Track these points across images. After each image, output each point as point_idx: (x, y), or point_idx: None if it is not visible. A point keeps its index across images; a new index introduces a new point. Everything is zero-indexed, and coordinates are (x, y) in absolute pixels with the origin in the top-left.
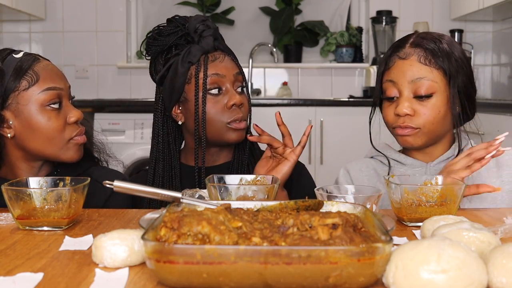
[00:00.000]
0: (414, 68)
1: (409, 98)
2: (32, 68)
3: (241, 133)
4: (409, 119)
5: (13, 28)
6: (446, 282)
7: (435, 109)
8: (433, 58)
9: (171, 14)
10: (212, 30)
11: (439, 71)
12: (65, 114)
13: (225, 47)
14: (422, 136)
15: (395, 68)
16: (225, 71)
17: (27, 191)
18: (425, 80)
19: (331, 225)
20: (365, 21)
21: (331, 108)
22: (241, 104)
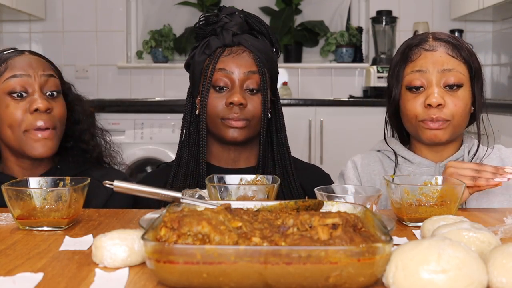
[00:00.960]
0: (444, 59)
1: (439, 87)
2: (8, 60)
3: (238, 132)
4: (440, 110)
5: (13, 28)
6: (446, 282)
7: (464, 101)
8: (458, 52)
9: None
10: (234, 23)
11: (465, 65)
12: (28, 104)
13: (250, 43)
14: (450, 129)
15: (423, 59)
16: (234, 67)
17: (27, 191)
18: (454, 71)
19: (331, 225)
20: (365, 21)
21: (331, 108)
22: (241, 104)
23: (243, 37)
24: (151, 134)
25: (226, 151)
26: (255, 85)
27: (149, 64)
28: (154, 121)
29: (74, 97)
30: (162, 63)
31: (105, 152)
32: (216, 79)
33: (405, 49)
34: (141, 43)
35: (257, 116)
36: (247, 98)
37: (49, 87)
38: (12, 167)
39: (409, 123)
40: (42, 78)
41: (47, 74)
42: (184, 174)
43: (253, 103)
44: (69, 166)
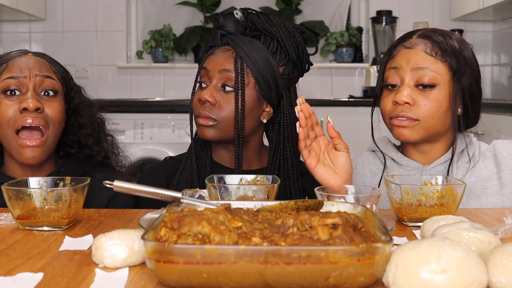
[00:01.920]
0: (419, 57)
1: (411, 86)
2: (9, 60)
3: (206, 130)
4: (408, 108)
5: (13, 28)
6: (446, 282)
7: (437, 102)
8: (439, 50)
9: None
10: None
11: (444, 64)
12: (19, 103)
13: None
14: (420, 130)
15: (399, 56)
16: (211, 66)
17: (27, 191)
18: (428, 70)
19: (331, 225)
20: (365, 21)
21: (331, 108)
22: (206, 101)
23: (232, 37)
24: (151, 134)
25: (224, 151)
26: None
27: (149, 64)
28: (154, 121)
29: (81, 101)
30: (162, 63)
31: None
32: (200, 76)
33: (390, 47)
34: (141, 43)
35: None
36: (220, 97)
37: (44, 87)
38: (14, 169)
39: (384, 121)
40: (37, 78)
41: (44, 75)
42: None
43: (224, 102)
44: (72, 169)
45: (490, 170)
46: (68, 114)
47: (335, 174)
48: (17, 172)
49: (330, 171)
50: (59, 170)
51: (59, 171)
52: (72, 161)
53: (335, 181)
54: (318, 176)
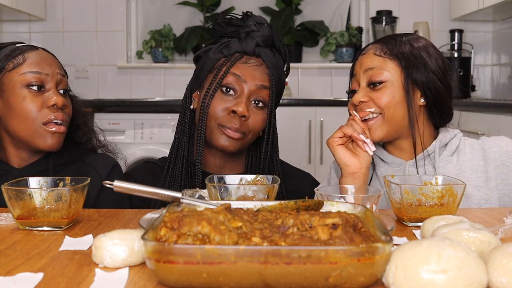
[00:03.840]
0: (369, 60)
1: (364, 87)
2: (23, 53)
3: (232, 142)
4: (366, 105)
5: (13, 28)
6: (446, 282)
7: (390, 94)
8: (387, 50)
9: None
10: (260, 34)
11: (392, 61)
12: (45, 98)
13: (268, 59)
14: (383, 125)
15: (356, 64)
16: (248, 77)
17: (27, 191)
18: (376, 69)
19: (331, 225)
20: (365, 21)
21: (331, 108)
22: (244, 116)
23: (264, 51)
24: (151, 134)
25: (212, 156)
26: (262, 99)
27: (149, 64)
28: (154, 121)
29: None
30: (162, 63)
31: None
32: (227, 81)
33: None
34: (141, 43)
35: (254, 131)
36: (251, 111)
37: (62, 85)
38: (10, 157)
39: None
40: (58, 76)
41: (62, 73)
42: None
43: (255, 117)
44: (61, 154)
45: (476, 163)
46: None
47: (355, 156)
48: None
49: (350, 153)
50: (48, 155)
51: (48, 155)
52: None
53: (353, 162)
54: (338, 155)
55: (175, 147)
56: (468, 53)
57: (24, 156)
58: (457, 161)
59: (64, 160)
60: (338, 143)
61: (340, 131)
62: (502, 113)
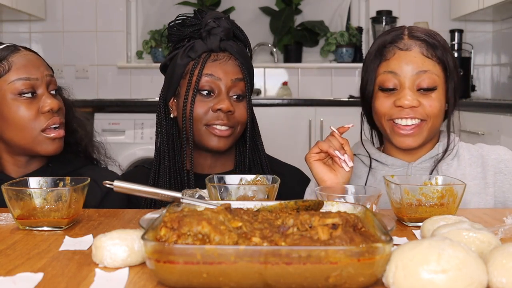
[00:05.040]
0: (419, 60)
1: (413, 90)
2: (7, 58)
3: (223, 141)
4: (413, 111)
5: (13, 28)
6: (446, 282)
7: (439, 101)
8: (433, 51)
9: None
10: (222, 29)
11: (440, 65)
12: (39, 104)
13: (235, 50)
14: (425, 132)
15: (396, 59)
16: (222, 74)
17: (27, 191)
18: (429, 73)
19: (331, 225)
20: (365, 21)
21: (331, 108)
22: (229, 111)
23: (229, 44)
24: (151, 134)
25: (203, 158)
26: (240, 92)
27: (149, 64)
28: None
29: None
30: None
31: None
32: (202, 84)
33: (379, 46)
34: (141, 43)
35: (242, 122)
36: (234, 105)
37: (52, 86)
38: (6, 165)
39: (379, 123)
40: (47, 78)
41: (50, 74)
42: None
43: (239, 110)
44: (61, 164)
45: (475, 169)
46: None
47: (332, 171)
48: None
49: (327, 169)
50: (47, 166)
51: (47, 167)
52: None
53: (330, 178)
54: (314, 171)
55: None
56: (468, 53)
57: (22, 163)
58: (458, 166)
59: (64, 171)
60: (314, 158)
61: (317, 146)
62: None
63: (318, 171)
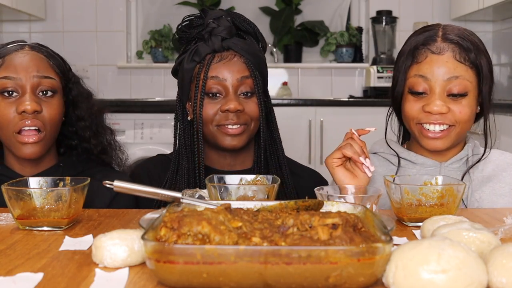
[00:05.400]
0: (451, 65)
1: (443, 96)
2: (5, 55)
3: (237, 139)
4: (442, 117)
5: (13, 28)
6: (446, 282)
7: (470, 107)
8: (467, 55)
9: (171, 14)
10: (223, 28)
11: (473, 70)
12: (17, 104)
13: (240, 47)
14: (453, 136)
15: (427, 63)
16: (227, 74)
17: (27, 191)
18: (460, 79)
19: (331, 225)
20: (365, 21)
21: (331, 108)
22: (237, 110)
23: (232, 41)
24: (151, 134)
25: (222, 157)
26: (249, 89)
27: (149, 64)
28: (154, 121)
29: (79, 93)
30: (162, 63)
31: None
32: (209, 87)
33: (411, 47)
34: (141, 43)
35: (254, 118)
36: (243, 103)
37: (42, 88)
38: (13, 163)
39: (408, 124)
40: (35, 80)
41: (41, 75)
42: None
43: (249, 107)
44: (72, 165)
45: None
46: (66, 106)
47: (354, 178)
48: (16, 166)
49: (350, 174)
50: (57, 166)
51: (58, 167)
52: (72, 158)
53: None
54: (337, 177)
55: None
56: None
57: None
58: (483, 169)
59: (74, 171)
60: (337, 164)
61: (339, 152)
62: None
63: (341, 177)
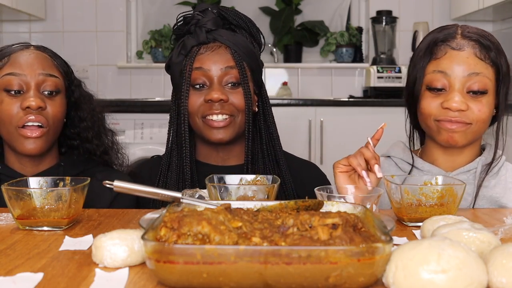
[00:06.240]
0: (471, 62)
1: (462, 92)
2: (11, 54)
3: (223, 132)
4: (461, 114)
5: (13, 28)
6: (446, 282)
7: (489, 106)
8: (487, 53)
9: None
10: (207, 19)
11: (493, 68)
12: (21, 101)
13: (225, 38)
14: (469, 134)
15: (447, 59)
16: (211, 64)
17: (27, 191)
18: (481, 75)
19: (331, 225)
20: (365, 21)
21: (331, 108)
22: (220, 100)
23: (218, 33)
24: (151, 134)
25: (215, 151)
26: (234, 79)
27: (149, 64)
28: (154, 121)
29: (82, 95)
30: (162, 63)
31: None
32: (193, 78)
33: (430, 43)
34: (141, 43)
35: (241, 109)
36: (228, 93)
37: (46, 86)
38: (13, 162)
39: (424, 123)
40: (40, 77)
41: (46, 73)
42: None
43: (234, 97)
44: (73, 165)
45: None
46: (69, 107)
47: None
48: (16, 165)
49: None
50: (58, 165)
51: (58, 166)
52: (73, 156)
53: None
54: (337, 181)
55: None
56: None
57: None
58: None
59: (75, 171)
60: (341, 170)
61: (346, 160)
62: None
63: (341, 183)
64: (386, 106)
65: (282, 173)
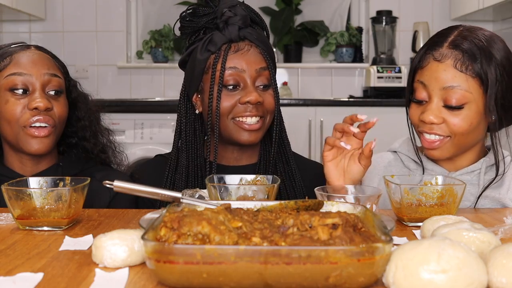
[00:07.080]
0: (448, 74)
1: (438, 106)
2: (13, 54)
3: (254, 134)
4: (437, 127)
5: (13, 28)
6: (446, 282)
7: (467, 120)
8: (470, 64)
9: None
10: (239, 18)
11: (475, 80)
12: (28, 101)
13: (255, 37)
14: (450, 147)
15: (428, 70)
16: (245, 65)
17: (27, 191)
18: (458, 89)
19: (331, 225)
20: (365, 21)
21: (331, 108)
22: (257, 102)
23: (248, 31)
24: (151, 134)
25: (230, 151)
26: (266, 81)
27: (149, 64)
28: (154, 121)
29: (78, 95)
30: (162, 63)
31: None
32: (227, 79)
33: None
34: (141, 43)
35: (271, 111)
36: (261, 95)
37: (51, 86)
38: (13, 162)
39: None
40: (45, 77)
41: (51, 73)
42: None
43: (267, 99)
44: (72, 164)
45: None
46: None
47: (341, 176)
48: (16, 165)
49: (338, 172)
50: (57, 165)
51: (57, 166)
52: (71, 156)
53: (338, 182)
54: (326, 170)
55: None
56: None
57: (26, 162)
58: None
59: (74, 170)
60: (328, 158)
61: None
62: None
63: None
64: (386, 106)
65: (292, 173)
